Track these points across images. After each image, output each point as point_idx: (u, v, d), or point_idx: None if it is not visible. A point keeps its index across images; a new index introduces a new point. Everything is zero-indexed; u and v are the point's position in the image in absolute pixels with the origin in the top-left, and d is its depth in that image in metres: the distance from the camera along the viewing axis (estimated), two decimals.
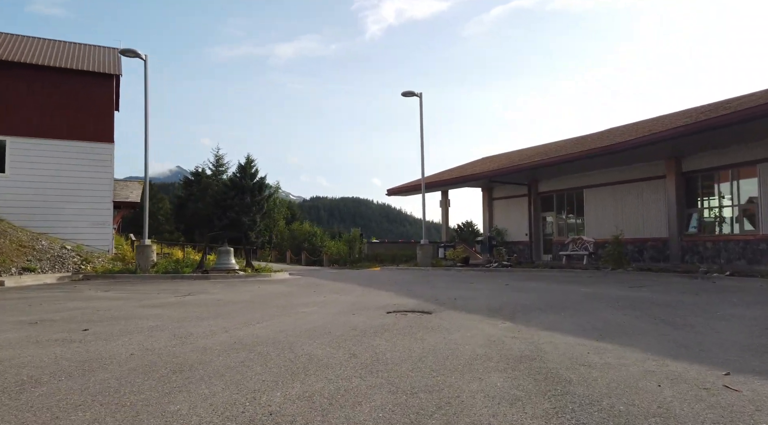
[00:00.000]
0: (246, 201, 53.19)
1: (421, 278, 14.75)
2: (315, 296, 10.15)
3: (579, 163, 18.95)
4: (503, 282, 12.92)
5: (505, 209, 25.55)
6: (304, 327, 6.08)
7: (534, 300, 8.76)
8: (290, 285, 12.90)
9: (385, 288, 11.70)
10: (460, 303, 8.56)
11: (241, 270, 15.69)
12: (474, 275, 15.75)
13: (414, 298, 9.53)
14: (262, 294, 10.50)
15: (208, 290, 11.23)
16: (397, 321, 6.57)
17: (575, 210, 22.28)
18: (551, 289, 10.76)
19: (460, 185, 25.68)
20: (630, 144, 16.29)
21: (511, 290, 10.84)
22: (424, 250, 20.14)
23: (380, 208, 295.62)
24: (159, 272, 15.07)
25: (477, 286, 11.95)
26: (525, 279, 13.76)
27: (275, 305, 8.60)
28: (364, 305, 8.45)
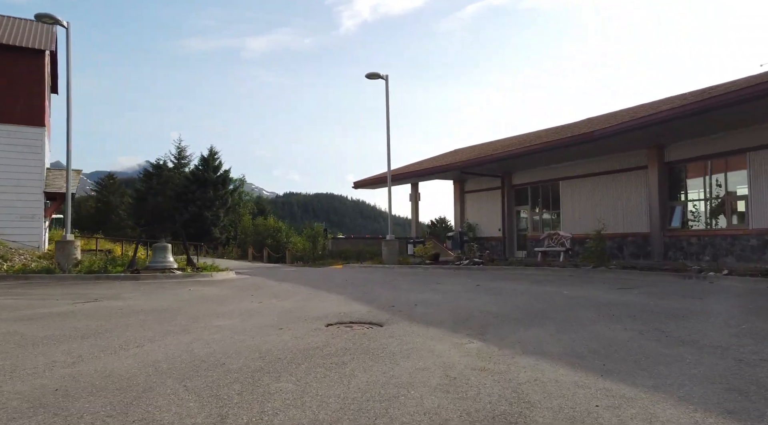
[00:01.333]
0: (209, 195, 50.72)
1: (382, 278, 13.14)
2: (247, 301, 8.43)
3: (556, 152, 17.63)
4: (474, 282, 11.42)
5: (478, 203, 24.17)
6: (195, 355, 4.37)
7: (509, 307, 7.23)
8: (228, 287, 11.13)
9: (337, 290, 10.06)
10: (420, 311, 6.97)
11: (179, 269, 13.79)
12: (442, 274, 14.22)
13: (367, 304, 7.92)
14: (185, 300, 8.71)
15: (123, 295, 9.37)
16: (331, 341, 4.93)
17: (551, 204, 21.02)
18: (529, 291, 9.28)
19: (431, 176, 24.15)
20: (609, 131, 14.99)
21: (483, 292, 9.32)
22: (390, 246, 18.56)
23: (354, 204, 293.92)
24: (82, 272, 13.05)
25: (444, 287, 10.41)
26: (498, 279, 12.29)
27: (189, 315, 6.84)
28: (302, 315, 6.79)
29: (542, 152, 17.68)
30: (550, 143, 17.08)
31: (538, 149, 17.53)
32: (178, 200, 50.84)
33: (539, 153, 17.87)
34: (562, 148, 16.85)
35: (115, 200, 72.13)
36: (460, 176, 24.06)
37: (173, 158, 57.14)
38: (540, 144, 17.65)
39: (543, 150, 17.43)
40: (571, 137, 16.40)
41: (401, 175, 24.62)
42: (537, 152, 17.76)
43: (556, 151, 17.39)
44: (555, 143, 16.88)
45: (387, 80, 18.83)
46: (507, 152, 19.03)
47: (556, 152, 17.50)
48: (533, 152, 17.90)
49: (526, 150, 18.08)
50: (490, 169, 21.60)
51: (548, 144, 17.14)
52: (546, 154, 18.04)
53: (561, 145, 16.67)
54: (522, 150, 18.29)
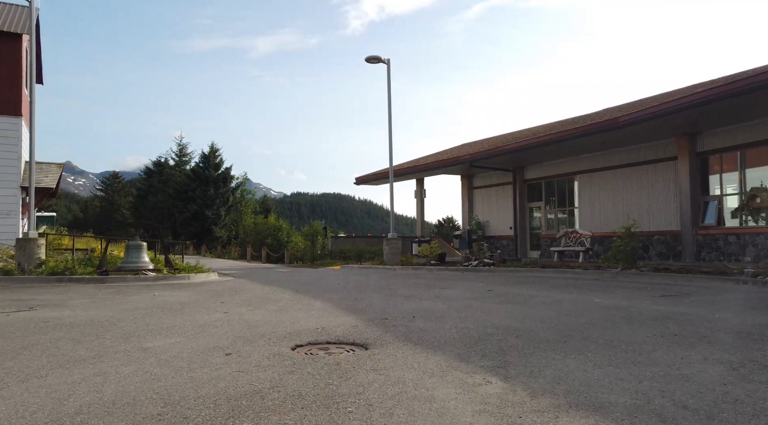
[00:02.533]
0: (209, 193, 49.51)
1: (380, 281, 11.62)
2: (211, 311, 6.93)
3: (574, 143, 16.01)
4: (485, 287, 9.87)
5: (487, 200, 22.57)
6: (73, 403, 2.87)
7: (533, 321, 5.68)
8: (200, 292, 9.65)
9: (325, 296, 8.55)
10: (418, 326, 5.44)
11: (154, 270, 12.34)
12: (448, 277, 12.68)
13: (355, 314, 6.41)
14: (138, 308, 7.24)
15: (69, 302, 7.91)
16: (286, 379, 3.42)
17: (567, 200, 19.38)
18: (552, 299, 7.72)
19: (437, 170, 22.59)
20: (637, 116, 13.37)
21: (497, 300, 7.77)
22: (392, 245, 17.02)
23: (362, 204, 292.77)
24: (44, 274, 11.65)
25: (450, 293, 8.87)
26: (513, 283, 10.73)
27: (123, 331, 5.37)
28: (268, 331, 5.30)
29: (560, 143, 16.07)
30: (570, 132, 15.47)
31: (556, 139, 15.92)
32: (177, 198, 49.64)
33: (556, 144, 16.26)
34: (582, 137, 15.23)
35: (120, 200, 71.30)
36: (469, 171, 22.48)
37: (174, 156, 56.06)
38: (557, 134, 16.05)
39: (561, 140, 15.82)
40: (592, 125, 14.78)
41: (406, 169, 23.10)
42: (554, 143, 16.16)
43: (574, 141, 15.77)
44: (574, 132, 15.27)
45: (389, 65, 17.30)
46: (520, 143, 17.44)
47: (575, 142, 15.89)
48: (550, 143, 16.29)
49: (542, 140, 16.48)
50: (500, 162, 20.02)
51: (567, 133, 15.54)
52: (563, 145, 16.43)
53: (581, 134, 15.06)
54: (537, 140, 16.70)
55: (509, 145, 18.16)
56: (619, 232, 12.73)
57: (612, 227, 16.92)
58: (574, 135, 15.26)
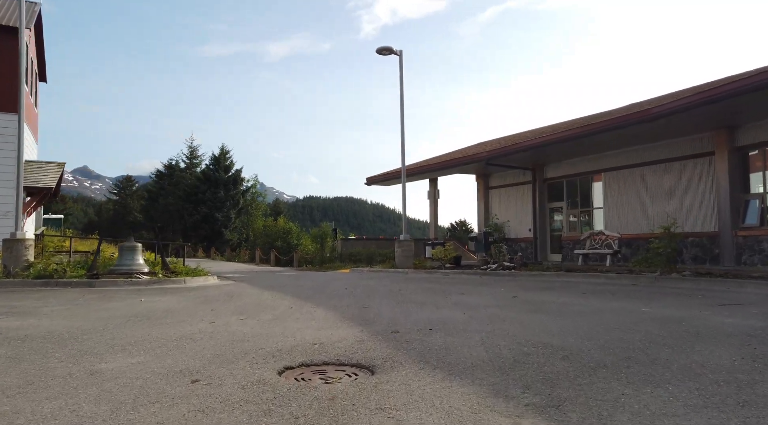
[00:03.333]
0: (219, 195, 48.94)
1: (391, 286, 10.64)
2: (196, 320, 6.02)
3: (600, 138, 14.91)
4: (508, 293, 8.84)
5: (505, 200, 21.48)
6: None
7: (577, 336, 4.66)
8: (192, 298, 8.75)
9: (329, 303, 7.60)
10: (437, 342, 4.46)
11: (149, 273, 11.49)
12: (466, 281, 11.65)
13: (361, 326, 5.46)
14: (116, 317, 6.35)
15: (41, 310, 7.06)
16: (260, 423, 2.46)
17: (591, 200, 18.23)
18: (591, 307, 6.68)
19: (452, 170, 21.56)
20: (671, 108, 12.26)
21: (525, 308, 6.75)
22: (404, 247, 16.03)
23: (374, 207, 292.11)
24: (30, 277, 10.86)
25: (470, 300, 7.86)
26: (539, 288, 9.68)
27: (82, 348, 4.47)
28: (254, 347, 4.39)
29: (584, 138, 14.97)
30: (596, 126, 14.37)
31: (580, 134, 14.83)
32: (187, 200, 49.16)
33: (580, 139, 15.16)
34: (610, 131, 14.12)
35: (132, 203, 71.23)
36: (485, 170, 21.42)
37: (185, 158, 55.72)
38: (582, 128, 14.96)
39: (586, 135, 14.73)
40: (622, 118, 13.67)
41: (418, 169, 22.13)
42: (578, 138, 15.06)
43: (601, 136, 14.67)
44: (601, 126, 14.17)
45: (401, 56, 16.37)
46: (541, 139, 16.37)
47: (601, 137, 14.78)
48: (573, 138, 15.20)
49: (565, 136, 15.39)
50: (518, 160, 18.95)
51: (593, 127, 14.44)
52: (588, 140, 15.33)
53: (609, 127, 13.95)
54: (559, 136, 15.61)
55: (529, 141, 17.10)
56: (657, 232, 11.55)
57: (640, 229, 15.78)
58: (601, 129, 14.16)
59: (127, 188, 76.41)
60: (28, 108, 19.25)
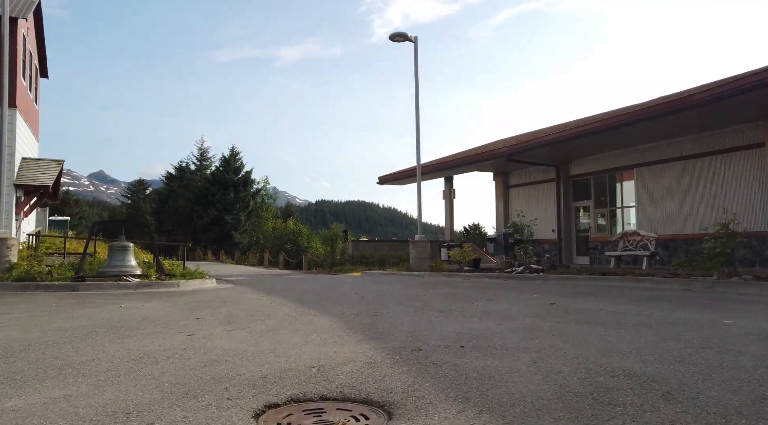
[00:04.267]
0: (229, 197, 48.18)
1: (407, 290, 9.48)
2: (173, 332, 4.94)
3: (633, 129, 13.63)
4: (542, 299, 7.65)
5: (526, 199, 20.21)
6: None
7: (660, 358, 3.48)
8: (181, 303, 7.69)
9: (333, 311, 6.49)
10: (473, 367, 3.31)
11: (141, 275, 10.47)
12: (490, 285, 10.47)
13: (371, 341, 4.35)
14: (82, 326, 5.31)
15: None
16: None
17: (622, 198, 16.91)
18: (653, 318, 5.46)
19: (469, 167, 20.36)
20: (719, 93, 10.98)
21: (568, 317, 5.57)
22: (419, 249, 14.87)
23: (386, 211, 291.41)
24: (11, 280, 9.89)
25: (500, 307, 6.69)
26: (576, 294, 8.46)
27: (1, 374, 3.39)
28: (232, 371, 3.32)
29: (616, 129, 13.70)
30: (630, 116, 13.11)
31: (612, 125, 13.57)
32: (197, 203, 48.49)
33: (611, 131, 13.90)
34: (646, 121, 12.84)
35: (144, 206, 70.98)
36: (504, 167, 20.20)
37: (195, 160, 55.18)
38: (614, 119, 13.70)
39: (619, 126, 13.46)
40: (660, 106, 12.41)
41: (434, 166, 20.98)
42: (609, 129, 13.80)
43: (634, 127, 13.40)
44: (636, 116, 12.91)
45: (416, 43, 15.25)
46: (567, 132, 15.13)
47: (635, 128, 13.50)
48: (603, 130, 13.95)
49: (595, 127, 14.14)
50: (541, 156, 17.69)
51: (627, 117, 13.18)
52: (619, 132, 14.06)
53: (645, 117, 12.68)
54: (589, 128, 14.37)
55: (554, 134, 15.86)
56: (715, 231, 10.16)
57: (678, 228, 14.47)
58: (637, 118, 12.90)
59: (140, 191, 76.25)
60: (26, 103, 18.47)
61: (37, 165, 18.09)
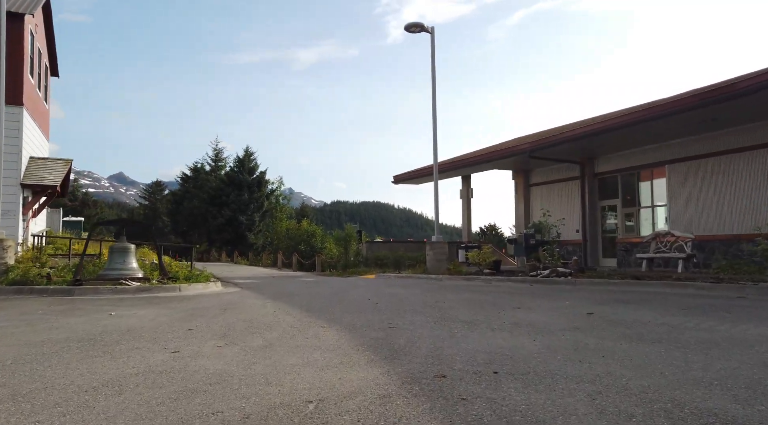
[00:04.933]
0: (243, 198, 47.82)
1: (425, 296, 8.72)
2: (158, 348, 4.27)
3: (667, 122, 12.72)
4: (576, 307, 6.85)
5: (548, 199, 19.31)
6: None
7: (765, 400, 2.68)
8: (178, 310, 7.04)
9: (342, 321, 5.78)
10: (515, 406, 2.53)
11: (141, 279, 9.88)
12: (515, 291, 9.66)
13: (384, 364, 3.63)
14: (57, 339, 4.68)
15: None
16: None
17: (652, 196, 15.93)
18: (717, 333, 4.64)
19: (488, 164, 19.53)
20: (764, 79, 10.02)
21: (614, 331, 4.76)
22: (436, 250, 14.11)
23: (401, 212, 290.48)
24: (5, 283, 9.37)
25: (532, 318, 5.90)
26: (614, 301, 7.62)
27: None
28: (206, 409, 2.59)
29: (646, 123, 12.79)
30: (664, 108, 12.20)
31: (643, 119, 12.66)
32: (211, 203, 48.24)
33: (642, 125, 12.99)
34: (681, 113, 11.93)
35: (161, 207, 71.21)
36: (525, 165, 19.34)
37: (210, 161, 55.02)
38: (646, 111, 12.79)
39: (651, 119, 12.55)
40: (697, 96, 11.47)
41: (451, 164, 20.20)
42: (640, 123, 12.89)
43: (669, 119, 12.48)
44: (670, 108, 11.99)
45: (433, 34, 14.50)
46: (594, 126, 14.24)
47: (669, 120, 12.59)
48: (633, 124, 13.04)
49: (623, 122, 13.24)
50: (565, 153, 16.81)
51: (659, 110, 12.27)
52: (650, 126, 13.14)
53: (679, 109, 11.77)
54: (616, 122, 13.47)
55: (579, 129, 14.98)
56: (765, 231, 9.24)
57: (715, 229, 13.48)
58: (670, 111, 11.98)
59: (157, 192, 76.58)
60: (34, 101, 18.13)
61: (44, 164, 17.72)
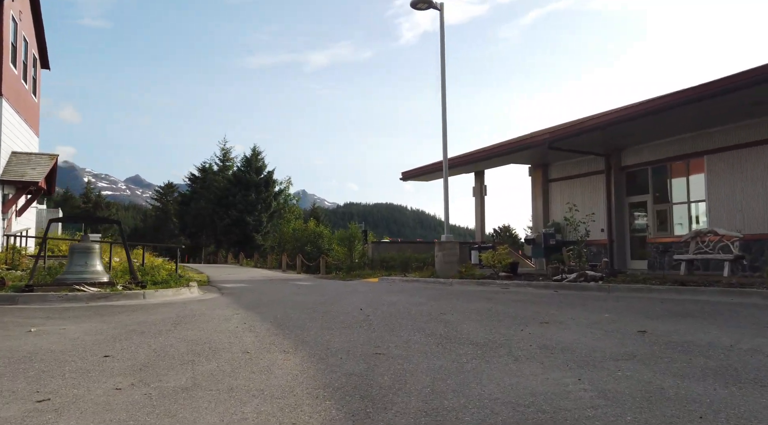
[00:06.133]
0: (250, 198, 46.73)
1: (429, 305, 7.28)
2: (26, 394, 2.88)
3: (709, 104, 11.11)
4: (623, 323, 5.37)
5: (569, 195, 17.72)
6: None
7: None
8: (113, 327, 5.71)
9: (315, 343, 4.38)
10: None
11: (103, 283, 8.59)
12: (538, 298, 8.17)
13: (360, 419, 2.14)
14: None
15: None
16: None
17: (688, 191, 14.28)
18: None
19: (503, 158, 18.00)
20: None
21: (691, 365, 3.28)
22: (446, 251, 12.65)
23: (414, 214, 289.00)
24: None
25: (566, 338, 4.43)
26: (665, 313, 6.13)
27: None
28: None
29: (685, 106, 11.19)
30: (706, 89, 10.61)
31: (680, 101, 11.07)
32: (218, 204, 47.25)
33: (679, 109, 11.41)
34: (725, 95, 10.33)
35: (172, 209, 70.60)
36: (544, 158, 17.80)
37: (218, 161, 54.13)
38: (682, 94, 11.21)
39: (687, 102, 10.95)
40: (748, 74, 9.88)
41: (463, 159, 18.72)
42: (676, 107, 11.30)
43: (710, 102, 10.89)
44: (714, 88, 10.40)
45: (442, 11, 13.08)
46: (622, 113, 12.69)
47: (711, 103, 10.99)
48: (669, 108, 11.46)
49: (657, 106, 11.67)
50: (589, 144, 15.25)
51: (702, 91, 10.68)
52: (688, 111, 11.56)
53: (725, 89, 10.17)
54: (650, 106, 11.90)
55: (605, 116, 13.43)
56: None
57: (764, 227, 11.84)
58: (713, 92, 10.38)
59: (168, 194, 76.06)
60: (17, 92, 17.03)
61: (28, 160, 16.61)
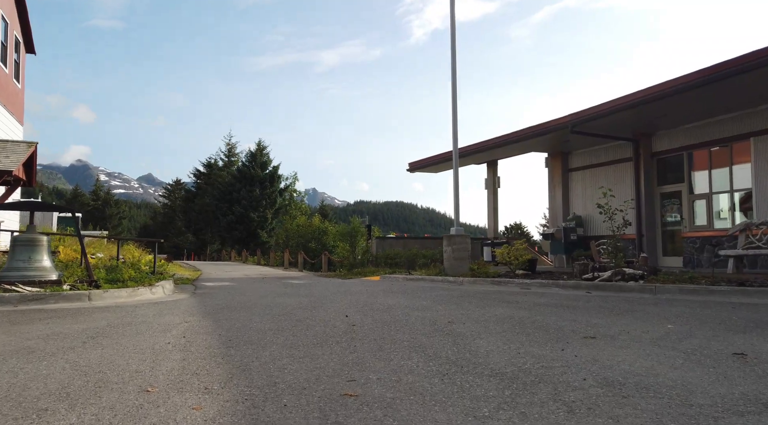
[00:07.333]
0: (255, 194, 45.51)
1: (434, 310, 5.85)
2: None
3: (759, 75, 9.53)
4: (699, 339, 3.90)
5: (591, 185, 16.18)
6: None
7: None
8: (24, 339, 4.33)
9: (262, 373, 2.92)
10: None
11: (54, 282, 7.27)
12: (569, 302, 6.69)
13: None
14: None
15: None
16: None
17: (731, 179, 12.69)
18: None
19: (519, 144, 16.45)
20: None
21: None
22: (456, 246, 11.20)
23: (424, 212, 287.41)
24: None
25: (635, 367, 2.95)
26: (748, 322, 4.66)
27: None
28: None
29: (733, 77, 9.62)
30: (759, 54, 9.05)
31: (729, 72, 9.50)
32: (222, 200, 46.13)
33: (726, 81, 9.84)
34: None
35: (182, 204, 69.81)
36: (563, 146, 16.27)
37: (223, 156, 53.08)
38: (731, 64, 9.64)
39: (737, 73, 9.38)
40: None
41: (475, 148, 17.26)
42: (723, 79, 9.73)
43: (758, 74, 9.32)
44: None
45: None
46: (655, 89, 11.13)
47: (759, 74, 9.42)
48: (714, 80, 9.89)
49: (696, 79, 10.11)
50: (615, 127, 13.72)
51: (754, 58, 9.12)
52: (734, 84, 9.98)
53: None
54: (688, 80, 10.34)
55: (636, 95, 11.88)
56: None
57: None
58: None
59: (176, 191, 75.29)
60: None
61: (3, 147, 15.42)
